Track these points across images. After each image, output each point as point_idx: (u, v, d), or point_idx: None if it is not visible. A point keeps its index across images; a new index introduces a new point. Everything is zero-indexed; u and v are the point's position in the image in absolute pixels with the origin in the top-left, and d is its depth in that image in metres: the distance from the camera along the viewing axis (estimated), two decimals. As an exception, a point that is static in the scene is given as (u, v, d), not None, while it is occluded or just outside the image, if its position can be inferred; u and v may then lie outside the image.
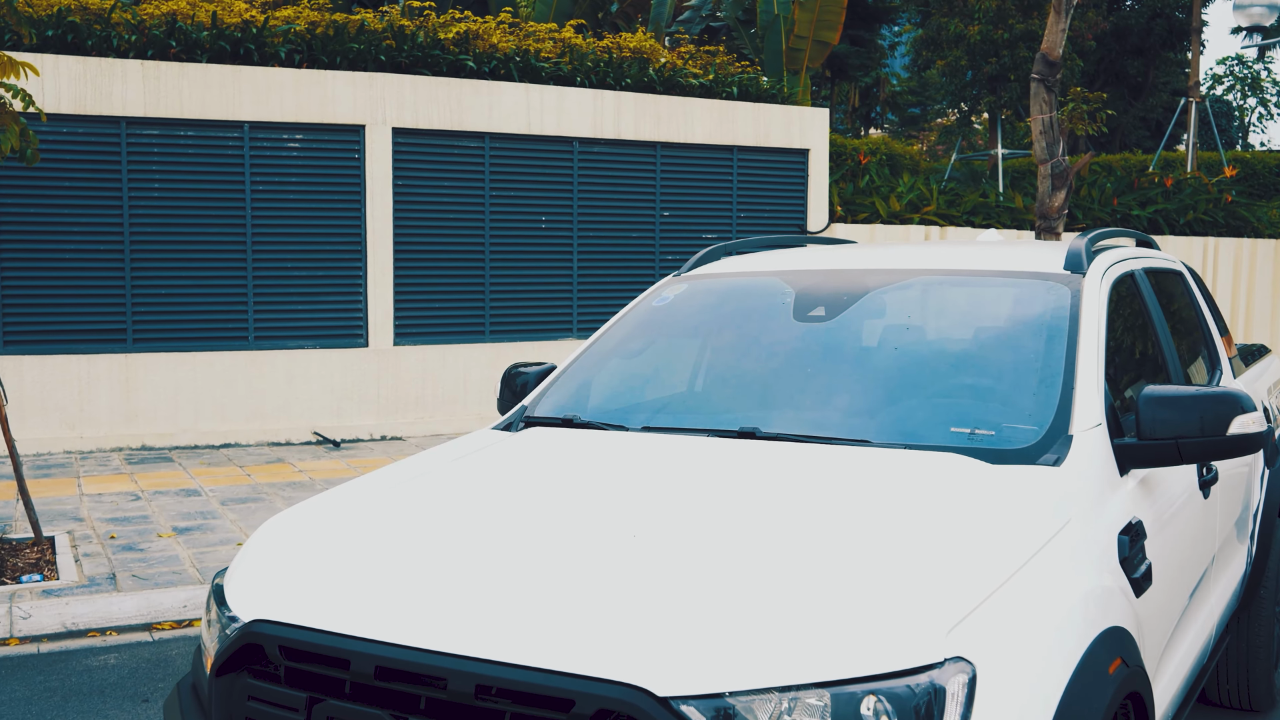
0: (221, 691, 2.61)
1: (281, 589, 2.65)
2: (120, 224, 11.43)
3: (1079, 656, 2.48)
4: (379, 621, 2.44)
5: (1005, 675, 2.28)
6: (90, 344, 11.42)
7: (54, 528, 8.49)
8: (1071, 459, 3.00)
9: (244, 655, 2.62)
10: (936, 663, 2.20)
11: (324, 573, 2.66)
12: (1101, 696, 2.49)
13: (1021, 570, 2.52)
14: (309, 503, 3.14)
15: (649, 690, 2.15)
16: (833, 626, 2.23)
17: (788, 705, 2.15)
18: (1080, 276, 3.64)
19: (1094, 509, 2.95)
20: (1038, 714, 2.31)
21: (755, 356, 3.72)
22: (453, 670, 2.28)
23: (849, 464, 3.04)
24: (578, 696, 2.17)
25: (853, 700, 2.15)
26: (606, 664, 2.20)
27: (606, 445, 3.38)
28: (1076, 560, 2.72)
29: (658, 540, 2.60)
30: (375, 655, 2.38)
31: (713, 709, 2.14)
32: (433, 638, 2.36)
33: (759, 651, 2.19)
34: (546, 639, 2.28)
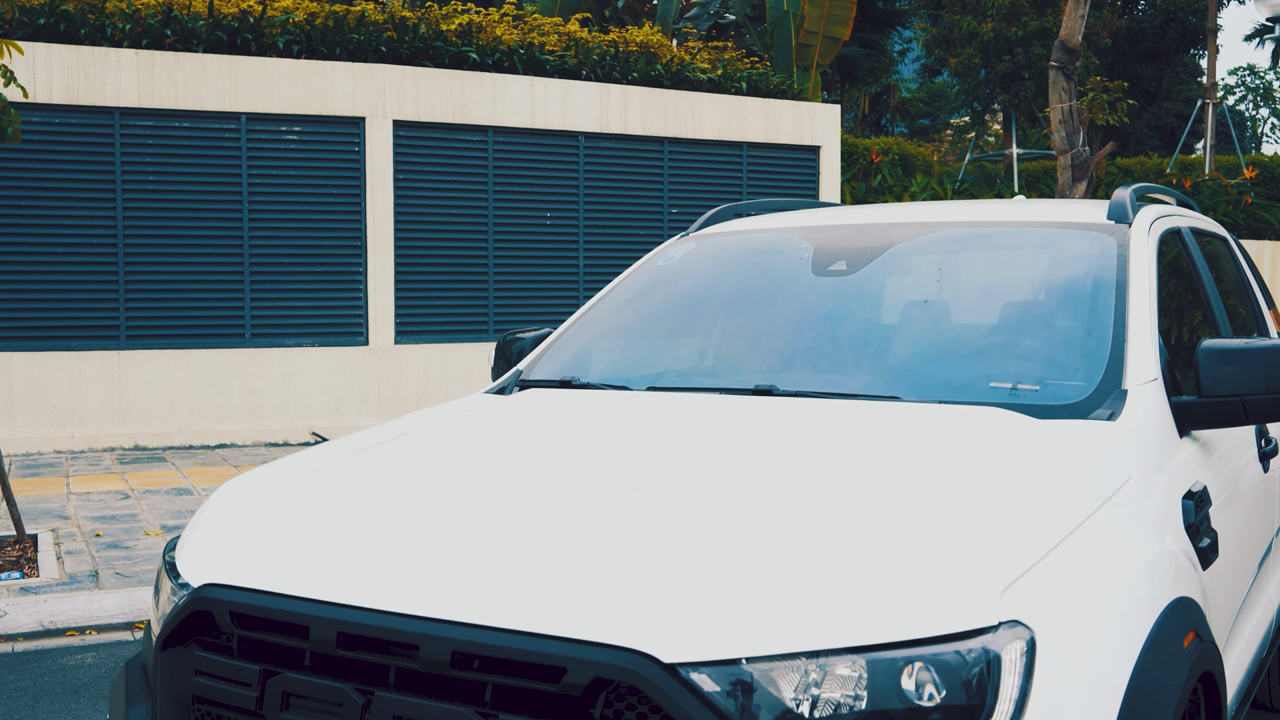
0: (168, 666, 2.28)
1: (235, 551, 2.33)
2: (114, 217, 11.14)
3: (1150, 627, 2.14)
4: (342, 583, 2.11)
5: (1068, 644, 1.94)
6: (82, 340, 11.12)
7: (37, 526, 8.18)
8: (1127, 413, 2.67)
9: (193, 625, 2.29)
10: (990, 626, 1.86)
11: (283, 533, 2.34)
12: (1177, 673, 2.15)
13: (1080, 529, 2.18)
14: (273, 464, 2.82)
15: (654, 656, 1.82)
16: (867, 585, 1.89)
17: (816, 675, 1.81)
18: (1126, 227, 3.31)
19: (1154, 469, 2.62)
20: (1106, 691, 1.98)
21: (771, 313, 3.39)
22: (426, 635, 1.95)
23: (878, 418, 2.71)
24: (570, 664, 1.84)
25: (893, 669, 1.81)
26: (604, 627, 1.87)
27: (607, 404, 3.05)
28: (1139, 522, 2.39)
29: (663, 494, 2.27)
30: (338, 620, 2.05)
31: (728, 678, 1.81)
32: (403, 600, 2.03)
33: (781, 612, 1.85)
34: (534, 600, 1.95)
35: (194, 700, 2.21)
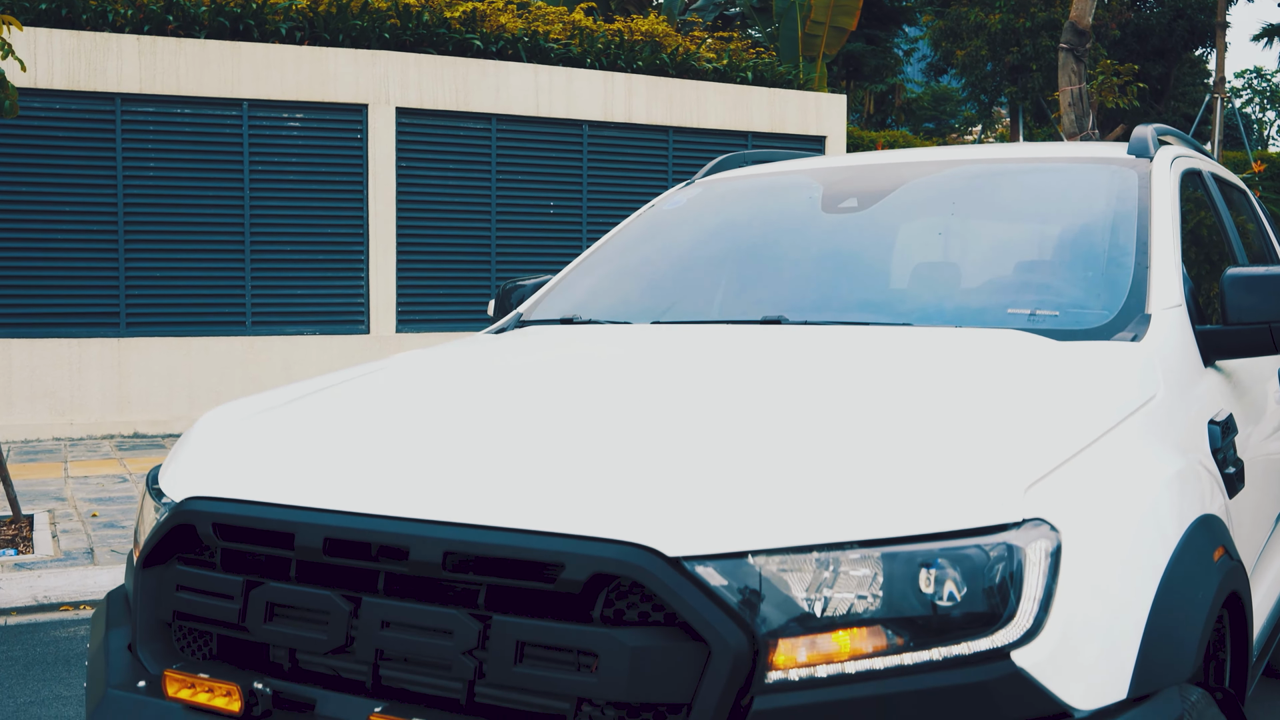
0: (148, 584, 2.18)
1: (218, 467, 2.23)
2: (114, 203, 11.06)
3: (1179, 537, 2.04)
4: (328, 490, 2.01)
5: (1095, 547, 1.84)
6: (82, 327, 11.03)
7: (34, 507, 8.09)
8: (1151, 336, 2.57)
9: (174, 542, 2.19)
10: (1013, 523, 1.75)
11: (268, 448, 2.24)
12: (1207, 584, 2.05)
13: (1105, 437, 2.08)
14: (259, 393, 2.72)
15: (656, 549, 1.71)
16: (883, 479, 1.79)
17: (828, 571, 1.71)
18: (1148, 161, 3.22)
19: (1179, 393, 2.52)
20: (1134, 596, 1.87)
21: (779, 251, 3.29)
22: (416, 537, 1.85)
23: (891, 339, 2.61)
24: (568, 559, 1.73)
25: (910, 564, 1.71)
26: (603, 522, 1.77)
27: (609, 334, 2.95)
28: (1165, 439, 2.28)
29: (666, 400, 2.18)
30: (324, 526, 1.94)
31: (735, 572, 1.70)
32: (392, 503, 1.93)
33: (791, 505, 1.75)
34: (529, 498, 1.85)
35: (175, 616, 2.12)
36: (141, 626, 2.18)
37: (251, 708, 1.89)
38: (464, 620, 1.78)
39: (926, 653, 1.69)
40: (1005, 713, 1.68)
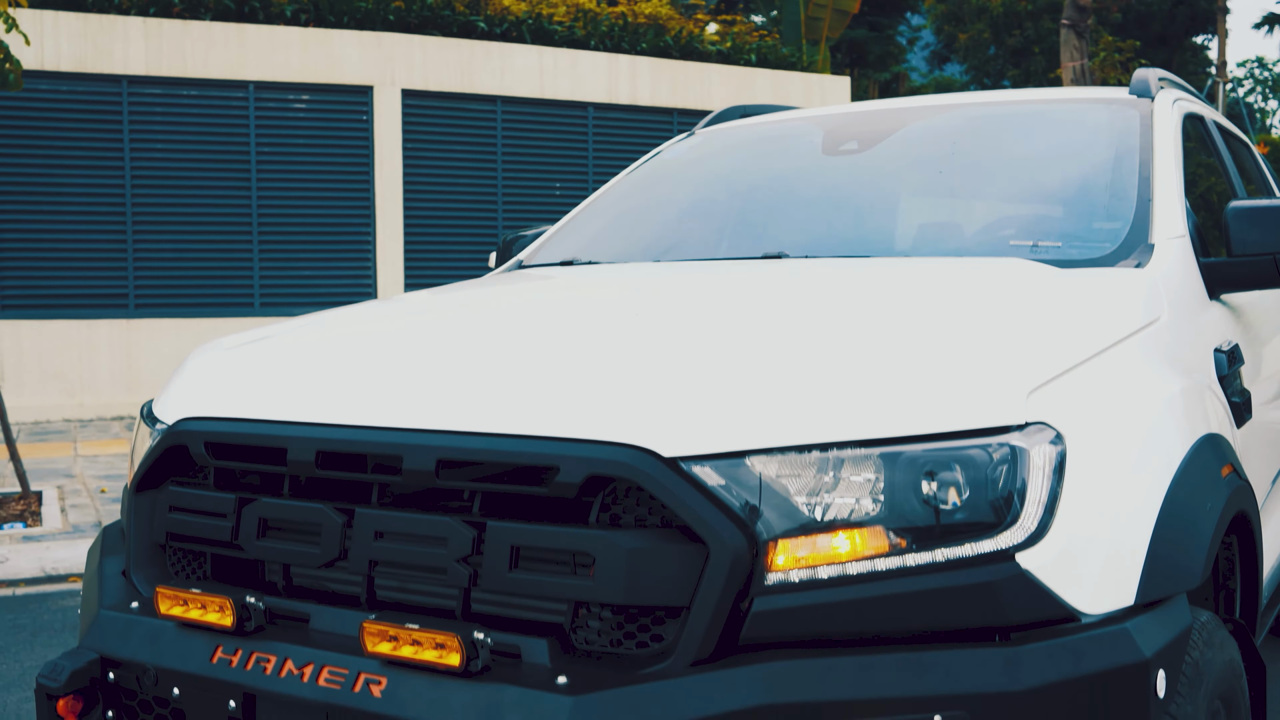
0: (141, 509, 2.17)
1: (212, 390, 2.21)
2: (122, 185, 11.06)
3: (1185, 450, 2.00)
4: (320, 405, 1.99)
5: (1100, 455, 1.81)
6: (91, 309, 11.05)
7: (43, 484, 8.11)
8: (1155, 263, 2.53)
9: (168, 465, 2.17)
10: (1016, 425, 1.72)
11: (259, 369, 2.22)
12: (1215, 497, 2.01)
13: (1109, 351, 2.05)
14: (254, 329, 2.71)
15: (652, 450, 1.69)
16: (882, 380, 1.76)
17: (828, 471, 1.68)
18: (1149, 100, 3.18)
19: (1185, 318, 2.48)
20: (1141, 505, 1.84)
21: (780, 192, 3.27)
22: (409, 445, 1.83)
23: (892, 267, 2.58)
24: (563, 462, 1.71)
25: (912, 464, 1.68)
26: (597, 424, 1.74)
27: (609, 270, 2.93)
28: (1170, 359, 2.25)
29: (664, 316, 2.15)
30: (316, 439, 1.93)
31: (732, 472, 1.67)
32: (384, 414, 1.91)
33: (788, 404, 1.72)
34: (522, 403, 1.82)
35: (168, 538, 2.10)
36: (135, 551, 2.16)
37: (244, 622, 1.87)
38: (458, 527, 1.76)
39: (929, 554, 1.66)
40: (1010, 615, 1.66)
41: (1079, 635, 1.67)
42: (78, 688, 1.94)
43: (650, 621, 1.72)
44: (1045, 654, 1.64)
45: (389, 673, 1.72)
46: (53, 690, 1.93)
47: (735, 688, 1.59)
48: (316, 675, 1.77)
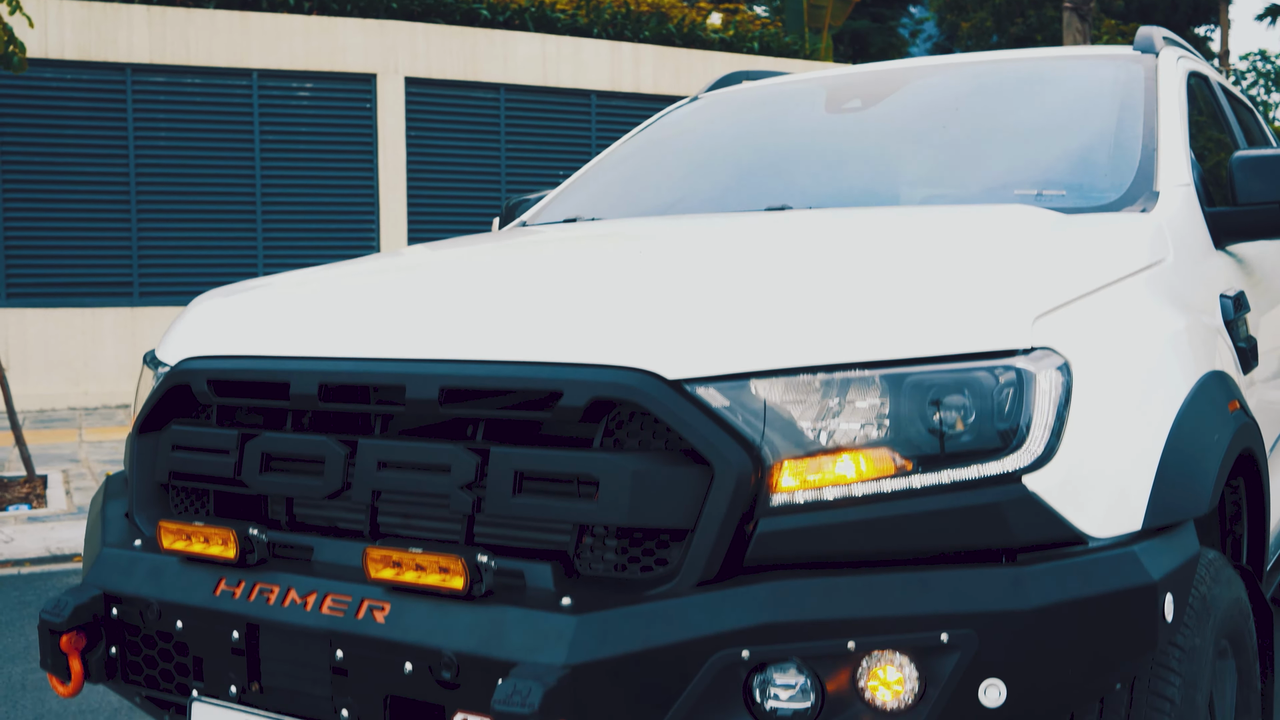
0: (144, 451, 2.16)
1: (214, 331, 2.20)
2: (126, 173, 11.07)
3: (1192, 382, 1.99)
4: (322, 340, 1.99)
5: (1106, 382, 1.79)
6: (96, 297, 11.06)
7: (48, 468, 8.11)
8: (1160, 208, 2.52)
9: (170, 406, 2.17)
10: (1022, 349, 1.71)
11: (261, 311, 2.21)
12: (1223, 429, 2.00)
13: (1115, 285, 2.04)
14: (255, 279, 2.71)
15: (656, 373, 1.68)
16: (887, 303, 1.75)
17: (833, 392, 1.67)
18: (1153, 56, 3.17)
19: (1191, 262, 2.47)
20: (1148, 433, 1.82)
21: (783, 148, 3.25)
22: (412, 375, 1.82)
23: (899, 213, 2.58)
24: (566, 386, 1.70)
25: (917, 386, 1.66)
26: (600, 349, 1.73)
27: (614, 223, 2.92)
28: (1177, 298, 2.24)
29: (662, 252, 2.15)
30: (318, 372, 1.92)
31: (737, 394, 1.66)
32: (386, 346, 1.90)
33: (793, 326, 1.71)
34: (525, 331, 1.82)
35: (171, 477, 2.09)
36: (137, 492, 2.15)
37: (247, 555, 1.86)
38: (461, 454, 1.75)
39: (935, 476, 1.65)
40: (1017, 536, 1.64)
41: (1086, 557, 1.66)
42: (81, 623, 1.93)
43: (654, 545, 1.71)
44: (1052, 574, 1.62)
45: (392, 599, 1.72)
46: (56, 625, 1.92)
47: (741, 605, 1.58)
48: (320, 603, 1.76)
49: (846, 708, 1.61)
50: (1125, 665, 1.70)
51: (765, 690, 1.61)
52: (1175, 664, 1.84)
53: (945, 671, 1.58)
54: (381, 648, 1.68)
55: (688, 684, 1.57)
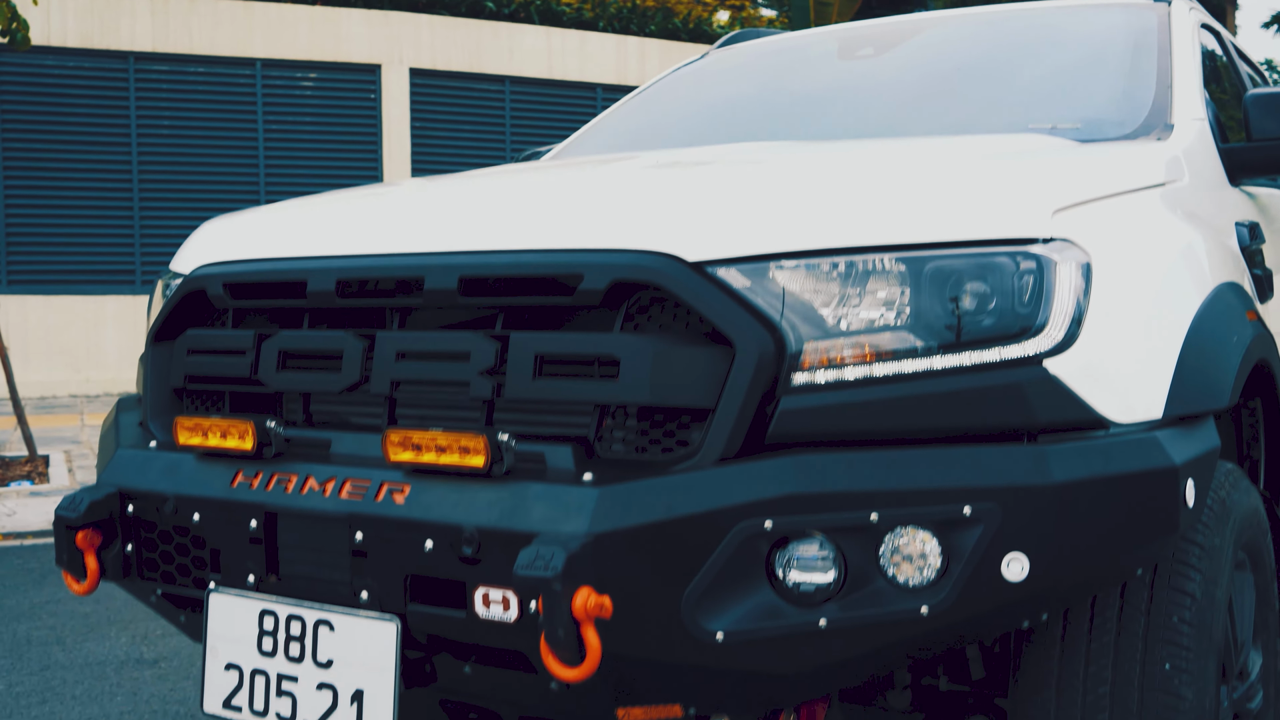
0: (158, 359, 2.16)
1: (228, 240, 2.20)
2: (129, 162, 11.08)
3: (1210, 287, 2.00)
4: (339, 239, 1.98)
5: (1126, 277, 1.79)
6: (98, 285, 11.06)
7: (50, 449, 8.12)
8: (1176, 137, 2.53)
9: (185, 314, 2.16)
10: (1042, 238, 1.71)
11: (276, 220, 2.20)
12: (1241, 332, 2.00)
13: (1133, 194, 2.04)
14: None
15: (677, 255, 1.68)
16: (909, 190, 1.76)
17: (855, 275, 1.66)
18: (1165, 4, 3.18)
19: (1206, 189, 2.48)
20: (1168, 326, 1.82)
21: (796, 92, 3.26)
22: (431, 265, 1.82)
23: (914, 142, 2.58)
24: (587, 270, 1.70)
25: (939, 270, 1.66)
26: (621, 234, 1.73)
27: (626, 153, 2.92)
28: (1194, 215, 2.24)
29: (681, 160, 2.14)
30: (336, 268, 1.91)
31: (758, 275, 1.66)
32: (405, 240, 1.90)
33: (814, 209, 1.72)
34: (545, 220, 1.81)
35: (186, 381, 2.08)
36: (151, 400, 2.15)
37: (264, 448, 1.86)
38: (481, 341, 1.75)
39: (956, 358, 1.64)
40: (1039, 417, 1.64)
41: (1108, 439, 1.66)
42: (97, 519, 1.93)
43: (675, 427, 1.70)
44: (1075, 453, 1.62)
45: (412, 481, 1.71)
46: (72, 521, 1.91)
47: (763, 477, 1.58)
48: (339, 489, 1.76)
49: (868, 583, 1.61)
50: (1147, 548, 1.69)
51: (788, 565, 1.61)
52: (1195, 561, 1.84)
53: (968, 546, 1.58)
54: (402, 527, 1.68)
55: (710, 555, 1.57)
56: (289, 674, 1.80)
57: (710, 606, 1.58)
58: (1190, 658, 1.79)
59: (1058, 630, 1.84)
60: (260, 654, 1.82)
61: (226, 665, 1.85)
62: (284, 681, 1.80)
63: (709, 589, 1.58)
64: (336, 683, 1.75)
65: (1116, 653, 1.80)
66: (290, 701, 1.80)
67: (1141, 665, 1.78)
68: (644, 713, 1.72)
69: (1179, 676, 1.78)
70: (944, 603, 1.59)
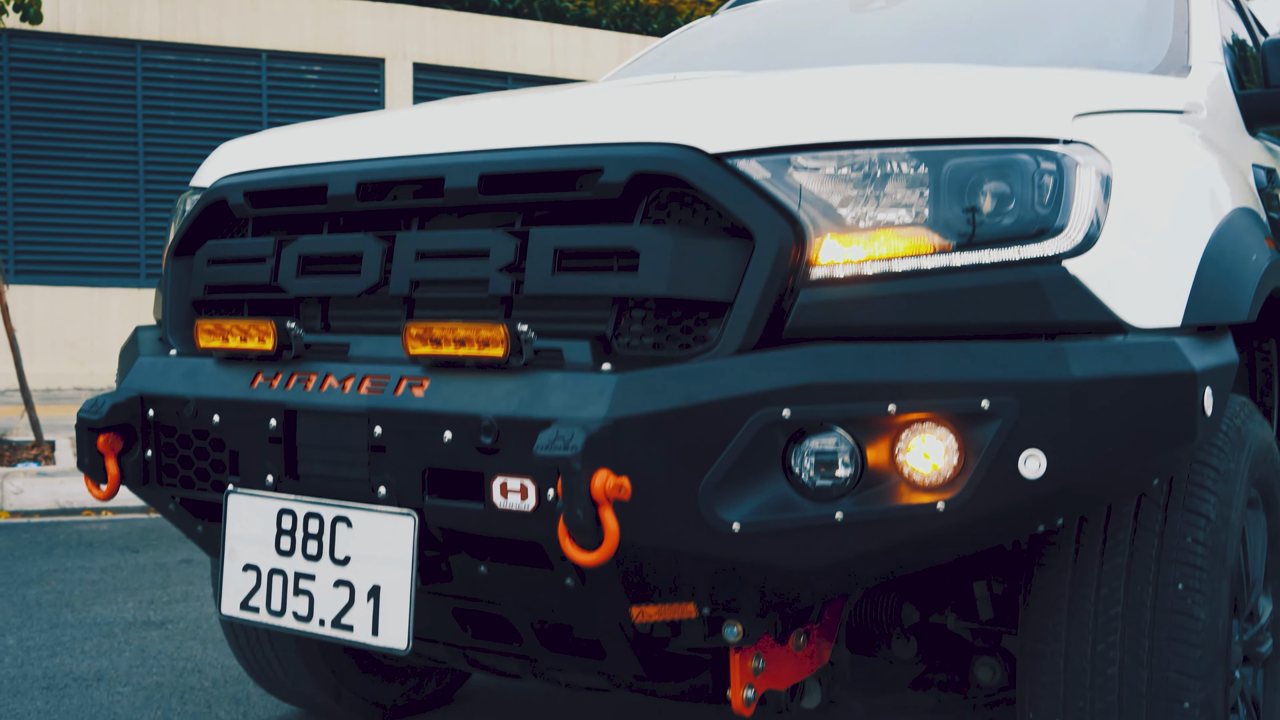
0: (178, 272, 2.17)
1: (248, 153, 2.21)
2: (135, 152, 11.11)
3: (1230, 207, 2.00)
4: (359, 144, 2.00)
5: (1147, 184, 1.80)
6: (103, 277, 11.08)
7: (56, 435, 8.11)
8: (1194, 77, 2.54)
9: (205, 227, 2.17)
10: (1062, 139, 1.72)
11: (295, 134, 2.22)
12: (1260, 255, 2.01)
13: (1153, 114, 2.06)
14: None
15: (697, 147, 1.69)
16: (929, 88, 1.78)
17: (875, 169, 1.67)
18: None
19: (1224, 127, 2.49)
20: (1187, 237, 1.83)
21: (808, 40, 3.27)
22: (451, 165, 1.83)
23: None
24: (606, 162, 1.71)
25: (959, 166, 1.66)
26: (642, 127, 1.75)
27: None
28: (1213, 143, 2.25)
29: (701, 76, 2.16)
30: (356, 171, 1.93)
31: (778, 167, 1.67)
32: (425, 142, 1.91)
33: (835, 104, 1.73)
34: (563, 116, 1.83)
35: (206, 291, 2.10)
36: (171, 314, 2.16)
37: (284, 350, 1.87)
38: (501, 237, 1.76)
39: (976, 255, 1.65)
40: (1058, 316, 1.64)
41: (1127, 340, 1.67)
42: (117, 422, 1.94)
43: (693, 323, 1.71)
44: (1094, 351, 1.63)
45: (431, 375, 1.72)
46: (93, 423, 1.92)
47: (782, 367, 1.59)
48: (358, 385, 1.77)
49: (885, 479, 1.61)
50: (1165, 456, 1.69)
51: (804, 460, 1.61)
52: (1210, 483, 1.84)
53: (986, 440, 1.58)
54: (421, 420, 1.68)
55: (728, 443, 1.57)
56: (306, 572, 1.80)
57: (727, 496, 1.59)
58: (1204, 578, 1.78)
59: (1070, 553, 1.84)
60: (278, 553, 1.83)
61: (244, 566, 1.86)
62: (301, 580, 1.81)
63: (726, 478, 1.58)
64: (354, 579, 1.76)
65: (1129, 574, 1.80)
66: (307, 600, 1.80)
67: (1154, 586, 1.78)
68: (658, 612, 1.73)
69: (1192, 597, 1.77)
70: (960, 498, 1.59)
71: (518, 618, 1.84)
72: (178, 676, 3.29)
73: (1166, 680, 1.72)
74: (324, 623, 1.78)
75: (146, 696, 3.11)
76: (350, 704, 2.78)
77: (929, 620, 2.13)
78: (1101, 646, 1.76)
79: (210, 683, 3.23)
